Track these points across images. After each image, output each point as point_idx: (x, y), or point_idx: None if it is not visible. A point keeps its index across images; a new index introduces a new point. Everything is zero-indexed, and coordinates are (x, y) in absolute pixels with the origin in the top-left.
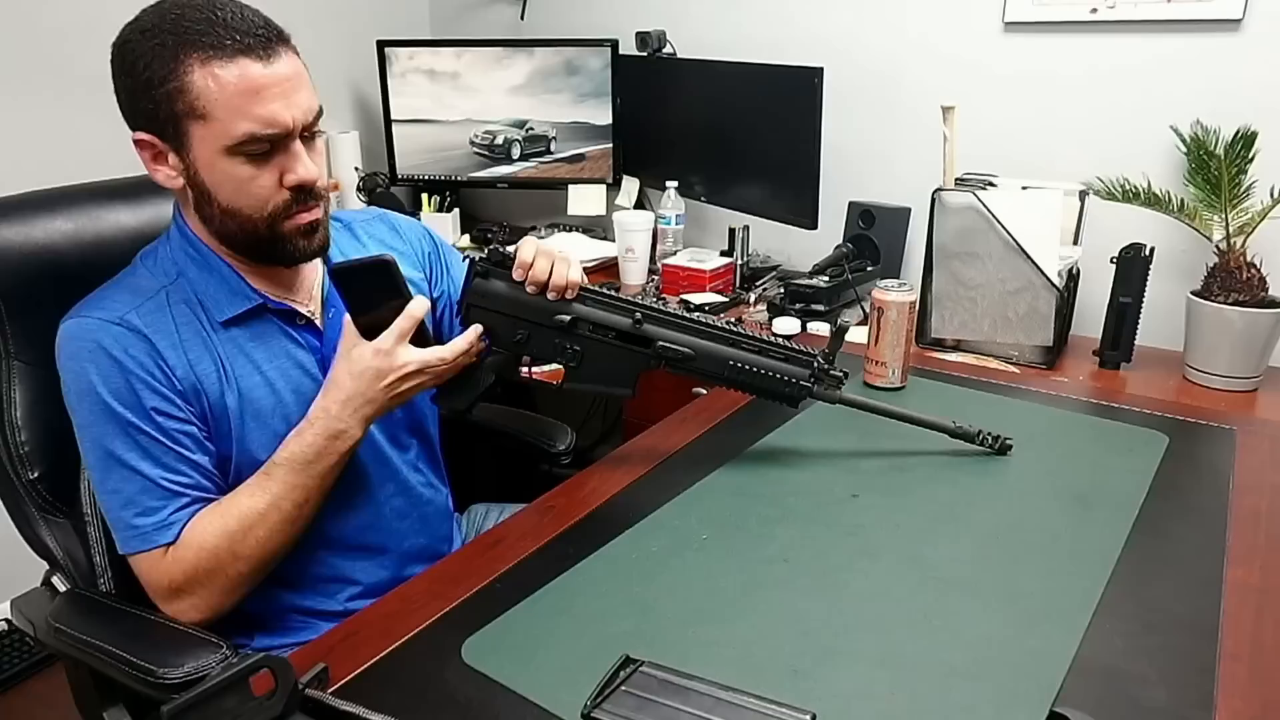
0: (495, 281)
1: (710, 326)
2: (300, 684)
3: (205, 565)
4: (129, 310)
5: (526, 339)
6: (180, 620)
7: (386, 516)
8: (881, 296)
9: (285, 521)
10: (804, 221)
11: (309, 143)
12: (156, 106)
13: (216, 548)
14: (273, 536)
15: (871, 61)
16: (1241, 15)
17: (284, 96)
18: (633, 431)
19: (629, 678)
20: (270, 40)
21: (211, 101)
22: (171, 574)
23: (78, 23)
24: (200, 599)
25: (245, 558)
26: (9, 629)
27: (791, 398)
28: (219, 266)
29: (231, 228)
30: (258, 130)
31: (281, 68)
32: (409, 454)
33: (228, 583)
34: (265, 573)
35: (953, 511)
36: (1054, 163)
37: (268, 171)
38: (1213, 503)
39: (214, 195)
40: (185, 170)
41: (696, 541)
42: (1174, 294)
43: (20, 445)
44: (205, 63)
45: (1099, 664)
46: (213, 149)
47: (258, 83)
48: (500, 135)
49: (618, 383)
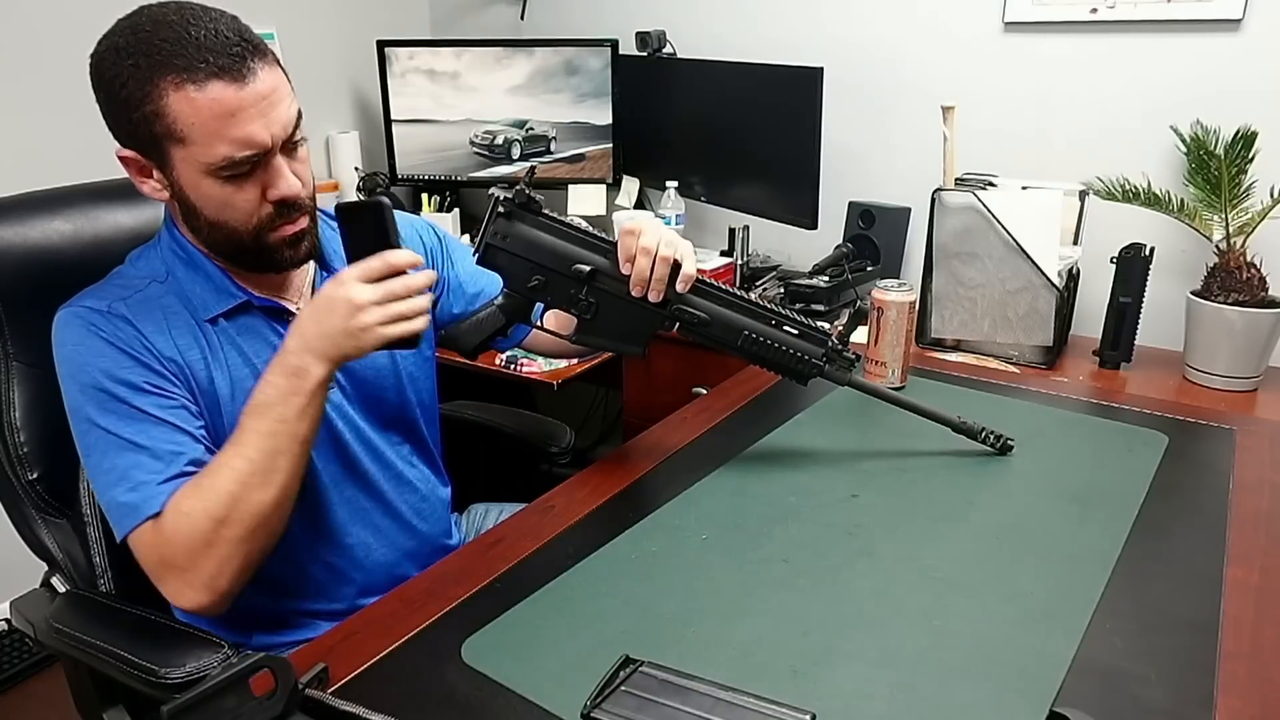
0: (518, 224)
1: (730, 295)
2: (300, 684)
3: (186, 530)
4: (116, 300)
5: (543, 285)
6: (183, 605)
7: (382, 513)
8: (881, 296)
9: (258, 474)
10: (804, 221)
11: (291, 152)
12: (135, 127)
13: (193, 510)
14: (250, 494)
15: (871, 62)
16: (1241, 15)
17: (261, 116)
18: (633, 431)
19: (629, 678)
20: (245, 57)
21: (188, 126)
22: (160, 548)
23: (77, 23)
24: (194, 575)
25: (225, 519)
26: (9, 629)
27: (802, 375)
28: (205, 266)
29: (219, 238)
30: (235, 154)
31: (258, 85)
32: (403, 449)
33: (216, 553)
34: (259, 542)
35: (953, 511)
36: (1054, 163)
37: (250, 187)
38: (1212, 502)
39: (200, 210)
40: (169, 186)
41: (696, 541)
42: (1174, 294)
43: (19, 446)
44: (179, 86)
45: (1099, 663)
46: (194, 170)
47: (232, 105)
48: (500, 135)
49: (630, 340)
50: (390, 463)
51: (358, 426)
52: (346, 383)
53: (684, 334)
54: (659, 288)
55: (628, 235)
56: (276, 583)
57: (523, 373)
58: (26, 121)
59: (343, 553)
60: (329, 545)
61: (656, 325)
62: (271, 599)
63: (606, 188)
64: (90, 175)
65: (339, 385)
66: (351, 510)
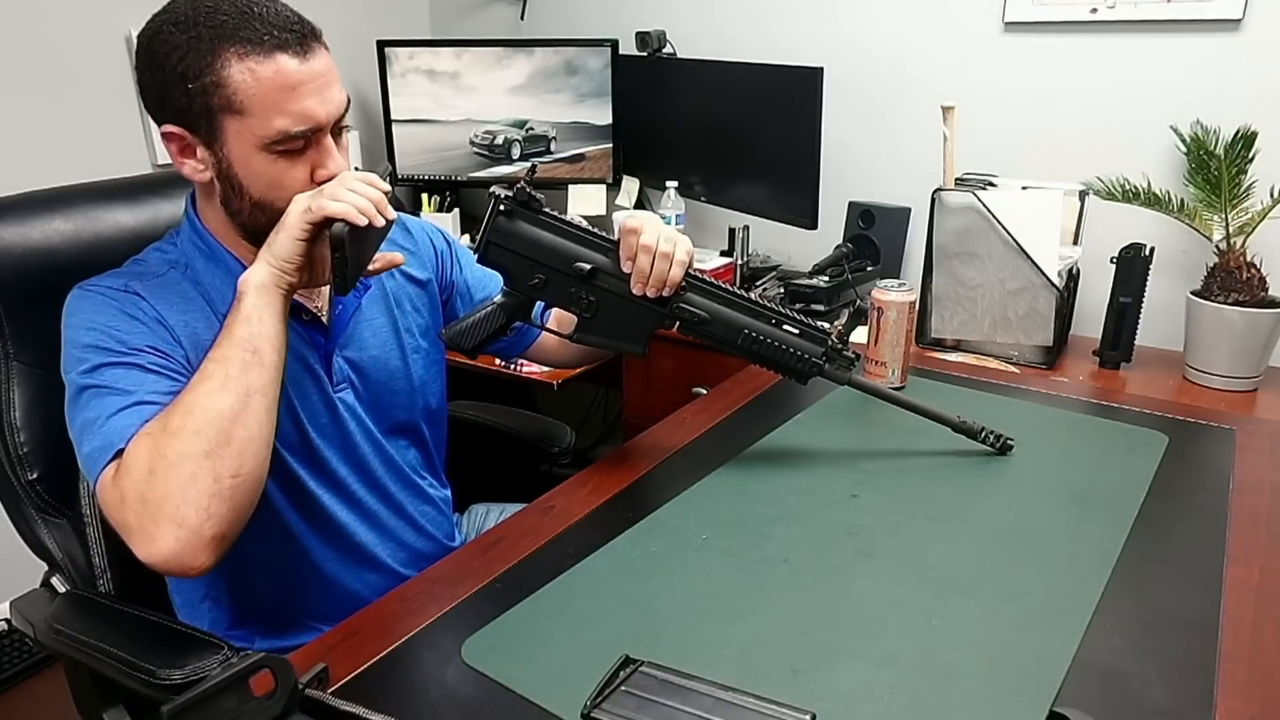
0: (519, 222)
1: (731, 294)
2: (300, 684)
3: (143, 453)
4: (133, 279)
5: (543, 284)
6: (156, 553)
7: (390, 514)
8: (881, 296)
9: (211, 380)
10: (804, 221)
11: (337, 137)
12: (190, 100)
13: (149, 430)
14: (202, 400)
15: (871, 61)
16: (1241, 15)
17: (318, 93)
18: (633, 431)
19: (629, 677)
20: (305, 36)
21: (248, 97)
22: (121, 485)
23: (77, 22)
24: (156, 506)
25: (179, 430)
26: (9, 629)
27: (801, 374)
28: (226, 259)
29: (260, 221)
30: (292, 127)
31: (317, 64)
32: (409, 454)
33: (177, 472)
34: (227, 462)
35: (953, 511)
36: (1054, 163)
37: (300, 167)
38: (1212, 502)
39: (246, 189)
40: (216, 164)
41: (696, 541)
42: (1174, 294)
43: (19, 446)
44: (243, 57)
45: (1099, 663)
46: (247, 144)
47: (294, 79)
48: (500, 135)
49: (630, 339)
50: (398, 466)
51: (369, 429)
52: (360, 385)
53: (684, 332)
54: (659, 285)
55: (629, 234)
56: (282, 585)
57: (523, 373)
58: (27, 121)
59: (344, 563)
60: (336, 548)
61: (657, 324)
62: (276, 602)
63: (606, 188)
64: (90, 175)
65: (352, 387)
66: (360, 514)
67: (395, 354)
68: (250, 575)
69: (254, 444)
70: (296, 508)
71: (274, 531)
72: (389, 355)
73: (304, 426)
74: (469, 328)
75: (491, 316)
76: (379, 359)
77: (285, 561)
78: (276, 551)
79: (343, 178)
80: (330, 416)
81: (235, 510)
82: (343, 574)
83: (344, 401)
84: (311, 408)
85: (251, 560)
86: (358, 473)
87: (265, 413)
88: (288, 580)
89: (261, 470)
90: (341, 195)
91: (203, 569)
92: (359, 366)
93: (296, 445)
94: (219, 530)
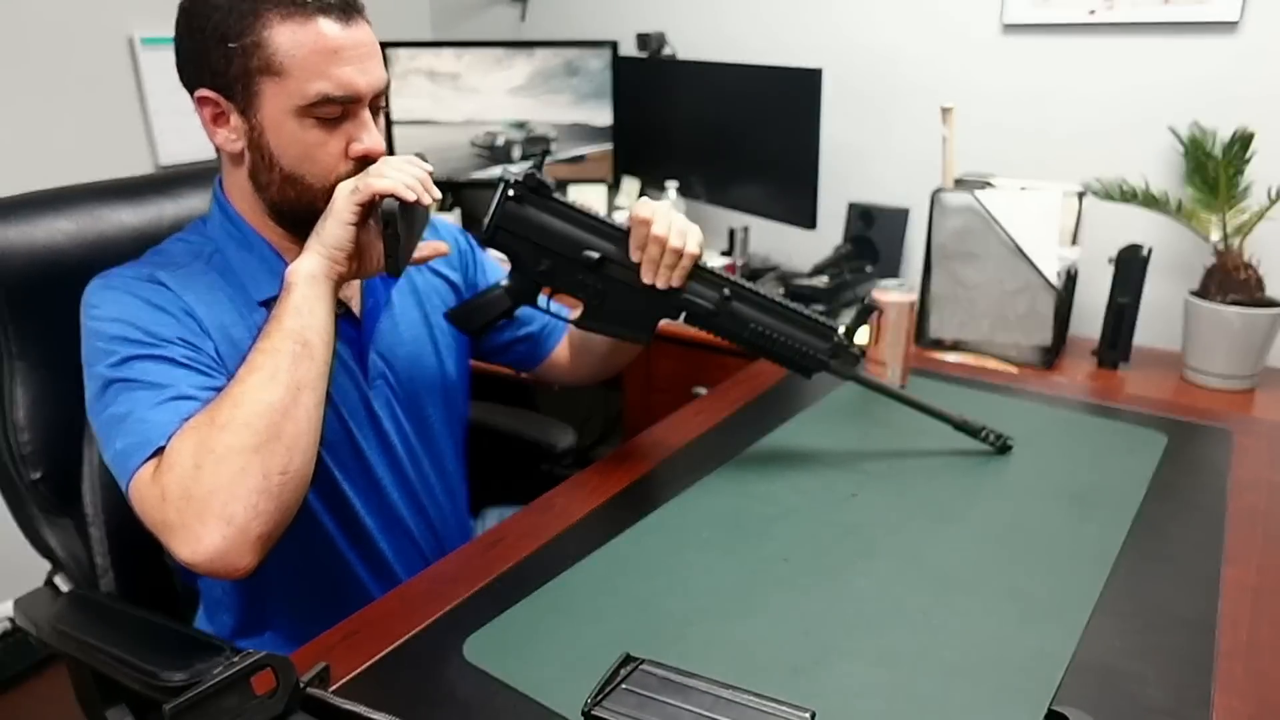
0: (528, 207)
1: (739, 286)
2: (301, 683)
3: (189, 448)
4: (157, 269)
5: (551, 270)
6: (199, 553)
7: (398, 528)
8: (881, 297)
9: (259, 373)
10: (803, 222)
11: (374, 115)
12: (229, 62)
13: (196, 423)
14: (250, 393)
15: (871, 62)
16: (1239, 17)
17: (359, 61)
18: (633, 431)
19: (629, 675)
20: (349, 5)
21: (288, 58)
22: (162, 482)
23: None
24: (202, 503)
25: (227, 424)
26: (12, 629)
27: (807, 369)
28: (259, 245)
29: (290, 195)
30: (332, 91)
31: (359, 33)
32: (441, 460)
33: (225, 468)
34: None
35: (952, 511)
36: (1052, 163)
37: (335, 138)
38: (1210, 502)
39: (277, 159)
40: (249, 132)
41: (697, 540)
42: (1172, 294)
43: (22, 446)
44: (285, 19)
45: (1097, 663)
46: (283, 108)
47: (335, 43)
48: (501, 136)
49: (636, 328)
50: (426, 473)
51: (403, 428)
52: (394, 381)
53: (691, 324)
54: (668, 275)
55: (640, 224)
56: (285, 592)
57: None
58: (27, 121)
59: (360, 566)
60: (345, 560)
61: (663, 314)
62: (295, 608)
63: (607, 188)
64: (92, 174)
65: (387, 383)
66: (385, 521)
67: (429, 350)
68: (274, 579)
69: (303, 440)
70: (330, 510)
71: (305, 534)
72: (423, 351)
73: (346, 423)
74: (475, 309)
75: (497, 300)
76: (414, 354)
77: (312, 566)
78: (306, 556)
79: (385, 160)
80: (367, 413)
81: (282, 509)
82: (369, 582)
83: (380, 397)
84: (350, 404)
85: (281, 565)
86: (394, 472)
87: (314, 407)
88: (313, 585)
89: (308, 469)
90: (387, 172)
91: (247, 570)
92: (392, 362)
93: (336, 443)
94: (265, 529)
